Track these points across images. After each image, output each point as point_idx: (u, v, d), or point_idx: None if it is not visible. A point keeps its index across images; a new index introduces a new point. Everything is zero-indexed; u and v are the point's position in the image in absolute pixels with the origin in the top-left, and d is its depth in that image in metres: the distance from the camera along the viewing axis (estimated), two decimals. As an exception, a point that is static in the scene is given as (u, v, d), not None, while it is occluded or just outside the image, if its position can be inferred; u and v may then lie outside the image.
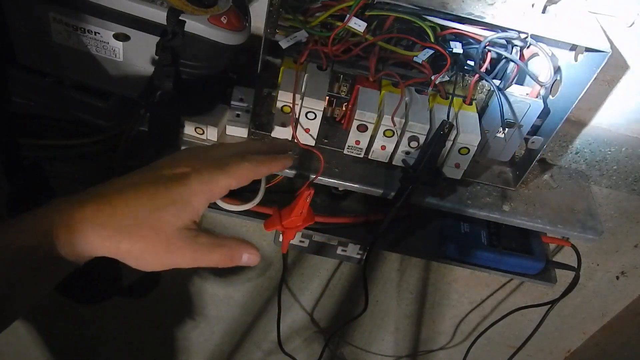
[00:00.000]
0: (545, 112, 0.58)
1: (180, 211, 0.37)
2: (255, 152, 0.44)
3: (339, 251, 0.81)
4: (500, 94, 0.57)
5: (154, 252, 0.36)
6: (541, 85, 0.57)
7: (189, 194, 0.37)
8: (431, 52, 0.55)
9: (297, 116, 0.57)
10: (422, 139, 0.57)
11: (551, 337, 1.16)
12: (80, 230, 0.34)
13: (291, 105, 0.56)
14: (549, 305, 0.78)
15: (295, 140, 0.59)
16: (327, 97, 0.59)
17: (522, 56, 0.56)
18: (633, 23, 0.57)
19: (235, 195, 0.68)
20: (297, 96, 0.55)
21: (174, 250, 0.37)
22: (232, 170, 0.40)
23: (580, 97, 0.52)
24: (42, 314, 1.19)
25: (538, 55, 0.55)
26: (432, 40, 0.54)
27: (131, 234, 0.35)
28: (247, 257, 0.40)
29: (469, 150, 0.58)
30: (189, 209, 0.37)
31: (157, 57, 0.48)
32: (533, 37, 0.52)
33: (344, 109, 0.62)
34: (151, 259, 0.36)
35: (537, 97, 0.58)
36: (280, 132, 0.59)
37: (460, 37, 0.55)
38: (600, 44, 0.50)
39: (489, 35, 0.53)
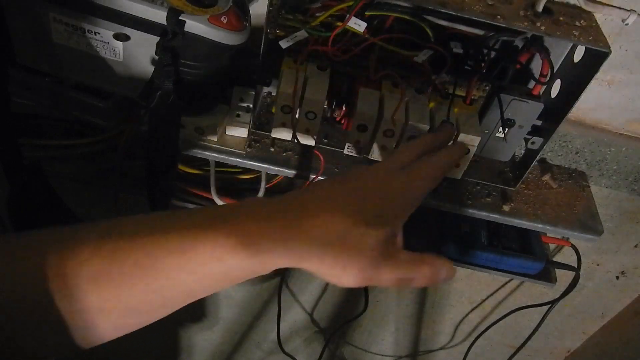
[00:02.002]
0: (545, 112, 0.58)
1: (385, 222, 0.34)
2: (429, 148, 0.42)
3: (339, 251, 0.81)
4: (500, 94, 0.57)
5: (357, 268, 0.33)
6: (541, 85, 0.57)
7: (395, 201, 0.35)
8: (431, 52, 0.55)
9: (297, 116, 0.57)
10: (422, 139, 0.57)
11: (551, 337, 1.16)
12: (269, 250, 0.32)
13: (291, 105, 0.56)
14: (549, 305, 0.78)
15: (295, 140, 0.59)
16: (327, 97, 0.59)
17: (522, 56, 0.56)
18: (632, 22, 0.57)
19: (235, 195, 0.68)
20: (297, 96, 0.55)
21: (377, 266, 0.33)
22: (425, 172, 0.37)
23: (580, 97, 0.52)
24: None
25: (538, 55, 0.55)
26: (432, 40, 0.54)
27: (334, 251, 0.32)
28: (445, 273, 0.36)
29: (469, 150, 0.58)
30: (394, 219, 0.34)
31: (157, 57, 0.48)
32: (533, 37, 0.52)
33: (344, 109, 0.62)
34: (353, 275, 0.33)
35: (537, 97, 0.58)
36: (280, 132, 0.59)
37: (460, 37, 0.55)
38: (600, 44, 0.50)
39: (489, 35, 0.53)
